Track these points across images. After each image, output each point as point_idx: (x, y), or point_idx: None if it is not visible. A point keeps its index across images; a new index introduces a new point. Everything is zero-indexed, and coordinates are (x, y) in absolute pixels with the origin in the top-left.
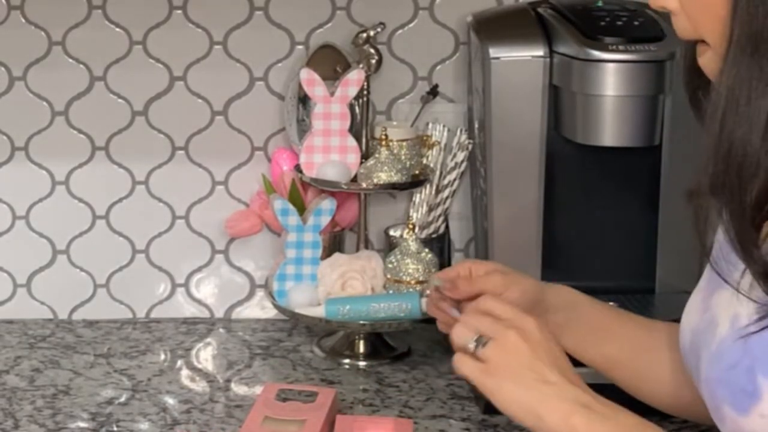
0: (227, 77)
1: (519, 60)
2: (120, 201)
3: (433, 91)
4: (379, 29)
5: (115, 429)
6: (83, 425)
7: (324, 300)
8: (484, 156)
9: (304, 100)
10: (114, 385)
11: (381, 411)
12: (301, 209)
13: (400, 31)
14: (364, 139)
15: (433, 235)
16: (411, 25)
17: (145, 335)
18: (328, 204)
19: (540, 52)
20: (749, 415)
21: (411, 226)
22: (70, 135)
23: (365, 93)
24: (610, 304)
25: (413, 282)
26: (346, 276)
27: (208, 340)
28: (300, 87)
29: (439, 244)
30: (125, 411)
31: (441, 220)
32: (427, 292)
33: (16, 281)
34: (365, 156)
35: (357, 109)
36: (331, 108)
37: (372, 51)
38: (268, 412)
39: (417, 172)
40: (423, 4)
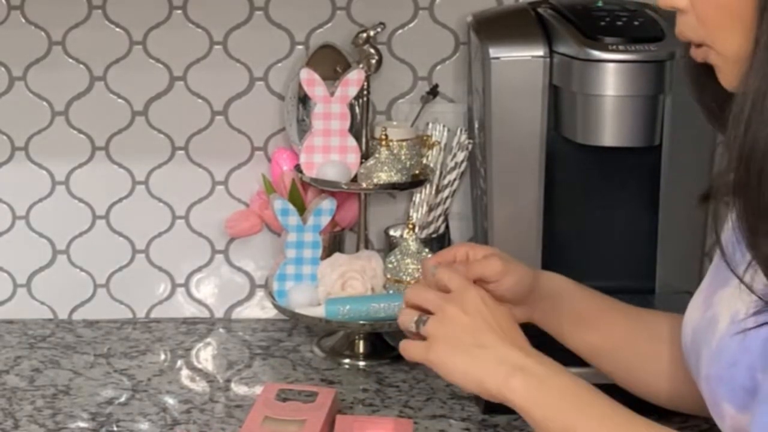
0: (227, 77)
1: (519, 60)
2: (120, 201)
3: (433, 91)
4: (379, 29)
5: (115, 429)
6: (83, 425)
7: (324, 300)
8: (484, 156)
9: (304, 100)
10: (114, 385)
11: (381, 411)
12: (301, 209)
13: (400, 31)
14: (364, 139)
15: (433, 235)
16: (411, 25)
17: (145, 335)
18: (328, 204)
19: (540, 52)
20: (749, 412)
21: (411, 226)
22: (70, 135)
23: (365, 93)
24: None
25: (413, 282)
26: (346, 276)
27: (208, 340)
28: (300, 87)
29: (439, 244)
30: (125, 411)
31: (441, 220)
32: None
33: (16, 281)
34: (365, 156)
35: (357, 109)
36: (331, 108)
37: (372, 51)
38: (268, 412)
39: (417, 172)
40: (423, 4)
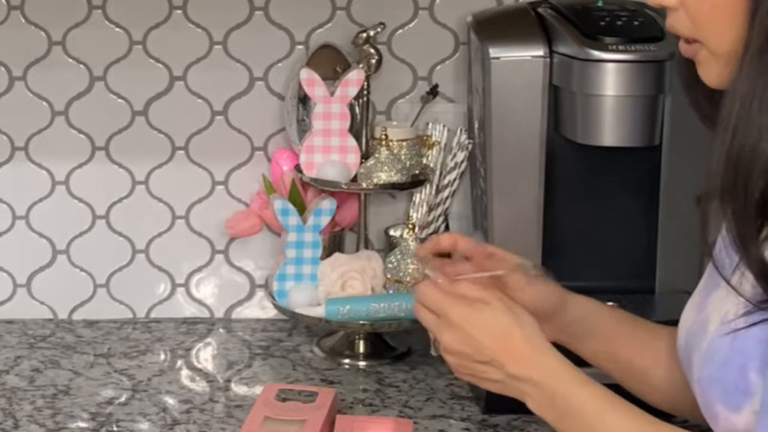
0: (227, 77)
1: (519, 60)
2: (120, 201)
3: (433, 91)
4: (379, 29)
5: (115, 429)
6: (83, 425)
7: (324, 300)
8: (484, 156)
9: (304, 100)
10: (114, 385)
11: (381, 411)
12: (301, 209)
13: (400, 31)
14: (364, 139)
15: (433, 235)
16: (411, 25)
17: (145, 335)
18: (328, 204)
19: (540, 52)
20: (742, 413)
21: (411, 226)
22: (70, 135)
23: (365, 93)
24: (610, 304)
25: (413, 282)
26: (346, 276)
27: (208, 340)
28: (300, 87)
29: None
30: (125, 411)
31: (441, 220)
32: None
33: (16, 281)
34: (365, 156)
35: (357, 109)
36: (331, 108)
37: (372, 51)
38: (268, 412)
39: (417, 172)
40: (423, 4)
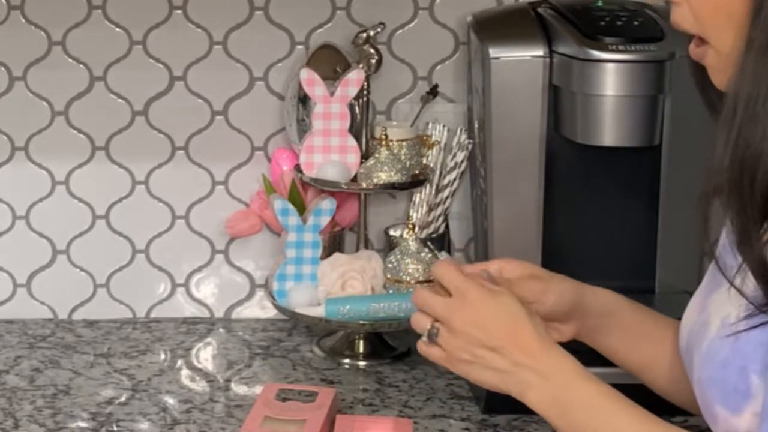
0: (227, 77)
1: (519, 60)
2: (120, 201)
3: (433, 91)
4: (379, 29)
5: (115, 429)
6: (83, 425)
7: (324, 300)
8: (483, 156)
9: (304, 100)
10: (114, 385)
11: (381, 411)
12: (301, 209)
13: (400, 31)
14: (364, 139)
15: (433, 235)
16: (411, 25)
17: (145, 335)
18: (328, 204)
19: (540, 52)
20: (742, 415)
21: (411, 226)
22: (70, 135)
23: (365, 93)
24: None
25: (413, 282)
26: (346, 276)
27: (208, 340)
28: (300, 87)
29: (439, 244)
30: (125, 411)
31: (441, 220)
32: None
33: (16, 281)
34: (365, 156)
35: (357, 109)
36: (331, 108)
37: (372, 51)
38: (268, 412)
39: (417, 172)
40: (423, 4)
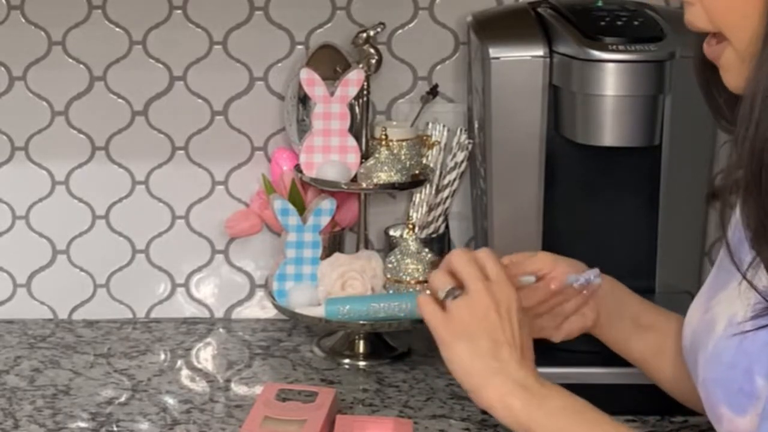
0: (227, 77)
1: (519, 60)
2: (120, 201)
3: (433, 91)
4: (379, 29)
5: (115, 429)
6: (83, 425)
7: (324, 300)
8: (484, 156)
9: (304, 100)
10: (114, 385)
11: (381, 411)
12: (301, 209)
13: (400, 31)
14: (364, 139)
15: (433, 235)
16: (411, 25)
17: (145, 335)
18: (328, 204)
19: (540, 52)
20: (747, 416)
21: (411, 226)
22: (70, 135)
23: (365, 93)
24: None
25: (413, 282)
26: (346, 276)
27: (208, 340)
28: (300, 87)
29: (439, 244)
30: (125, 411)
31: (441, 220)
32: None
33: (16, 281)
34: (365, 156)
35: (357, 109)
36: (331, 108)
37: (372, 51)
38: (268, 412)
39: (417, 172)
40: (423, 4)
